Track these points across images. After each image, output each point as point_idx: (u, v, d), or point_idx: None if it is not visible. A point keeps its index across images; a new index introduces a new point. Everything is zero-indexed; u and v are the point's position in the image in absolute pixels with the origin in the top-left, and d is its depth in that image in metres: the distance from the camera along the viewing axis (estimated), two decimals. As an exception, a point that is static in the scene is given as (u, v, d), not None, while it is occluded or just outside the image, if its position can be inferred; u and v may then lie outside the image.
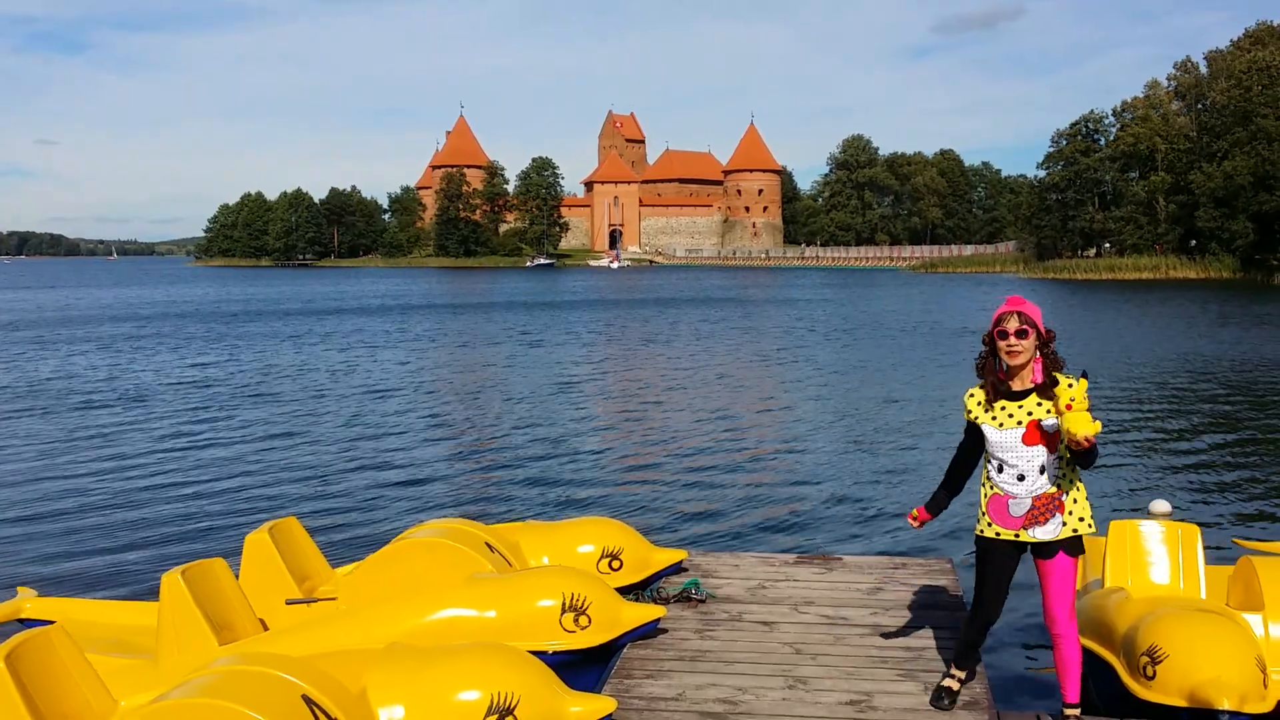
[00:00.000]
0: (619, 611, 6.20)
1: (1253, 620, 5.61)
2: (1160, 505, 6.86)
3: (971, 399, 5.34)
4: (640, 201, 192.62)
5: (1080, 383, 4.93)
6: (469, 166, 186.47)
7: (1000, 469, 5.21)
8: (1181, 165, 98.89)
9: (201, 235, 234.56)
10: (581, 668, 5.98)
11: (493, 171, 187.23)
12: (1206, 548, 6.46)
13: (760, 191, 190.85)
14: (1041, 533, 5.15)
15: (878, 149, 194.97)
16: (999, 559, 5.28)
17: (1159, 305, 54.62)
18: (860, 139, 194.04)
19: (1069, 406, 4.84)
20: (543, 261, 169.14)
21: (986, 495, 5.30)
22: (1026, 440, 5.10)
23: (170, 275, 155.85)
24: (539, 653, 5.56)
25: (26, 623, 6.73)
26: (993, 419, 5.21)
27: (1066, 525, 5.14)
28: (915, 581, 7.54)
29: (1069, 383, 4.98)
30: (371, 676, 4.78)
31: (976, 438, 5.35)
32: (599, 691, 5.56)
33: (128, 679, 5.63)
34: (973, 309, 55.63)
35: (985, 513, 5.29)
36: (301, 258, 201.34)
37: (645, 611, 6.29)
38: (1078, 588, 6.40)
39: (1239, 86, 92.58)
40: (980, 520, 5.33)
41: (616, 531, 7.47)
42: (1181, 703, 5.09)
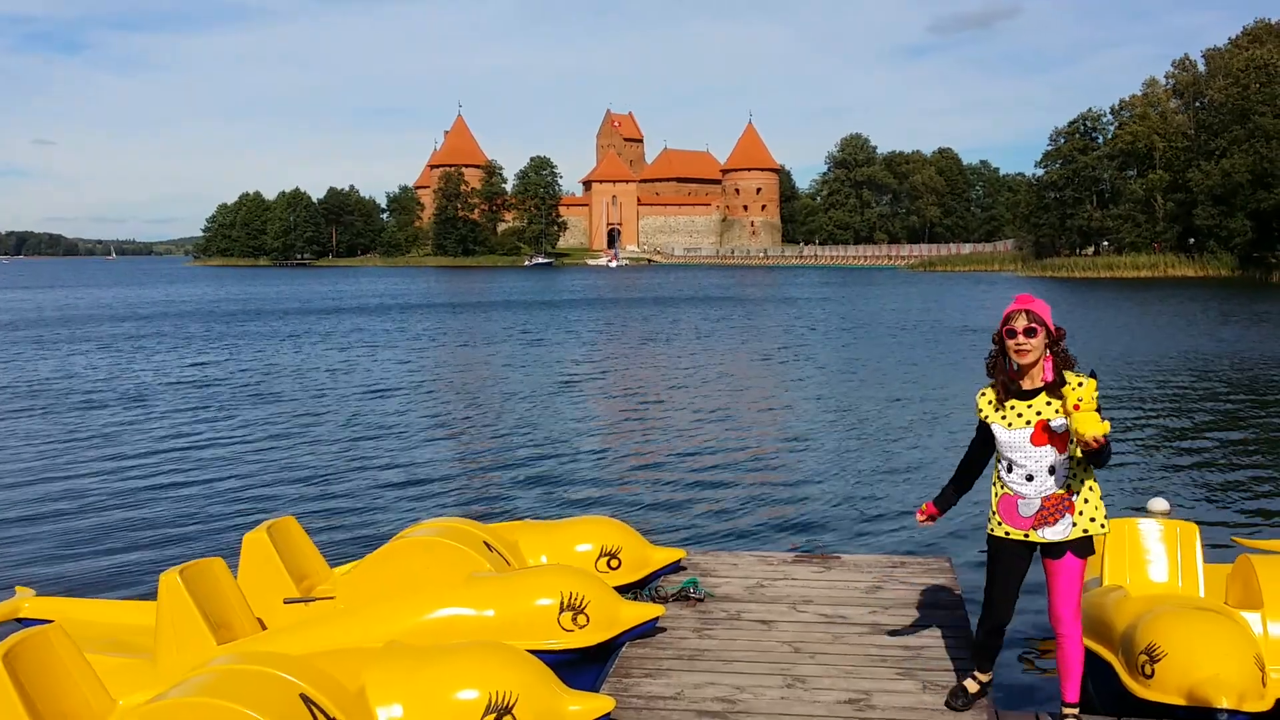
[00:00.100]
0: (617, 610, 6.19)
1: (1251, 618, 5.61)
2: (1158, 503, 6.87)
3: (983, 398, 5.33)
4: (638, 200, 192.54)
5: (1089, 382, 4.90)
6: (467, 166, 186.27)
7: (1010, 469, 5.19)
8: (1179, 163, 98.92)
9: (199, 235, 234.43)
10: (580, 666, 5.97)
11: (491, 171, 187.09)
12: (1205, 546, 6.46)
13: (758, 190, 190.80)
14: (1051, 533, 5.12)
15: (876, 148, 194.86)
16: (1009, 558, 5.25)
17: (1157, 303, 54.62)
18: (858, 138, 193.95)
19: (1076, 406, 4.82)
20: (541, 261, 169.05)
21: (996, 495, 5.28)
22: (1034, 440, 5.08)
23: (169, 275, 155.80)
24: (537, 651, 5.56)
25: (25, 622, 6.72)
26: (1002, 418, 5.20)
27: (1077, 526, 5.12)
28: (914, 580, 7.53)
29: (1078, 381, 4.96)
30: (370, 675, 4.78)
31: (987, 437, 5.34)
32: (597, 690, 5.56)
33: (126, 678, 5.63)
34: (972, 307, 55.66)
35: (995, 512, 5.27)
36: (299, 257, 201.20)
37: (644, 610, 6.29)
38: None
39: (1237, 85, 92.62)
40: (991, 519, 5.32)
41: (615, 530, 7.47)
42: (1180, 701, 5.08)
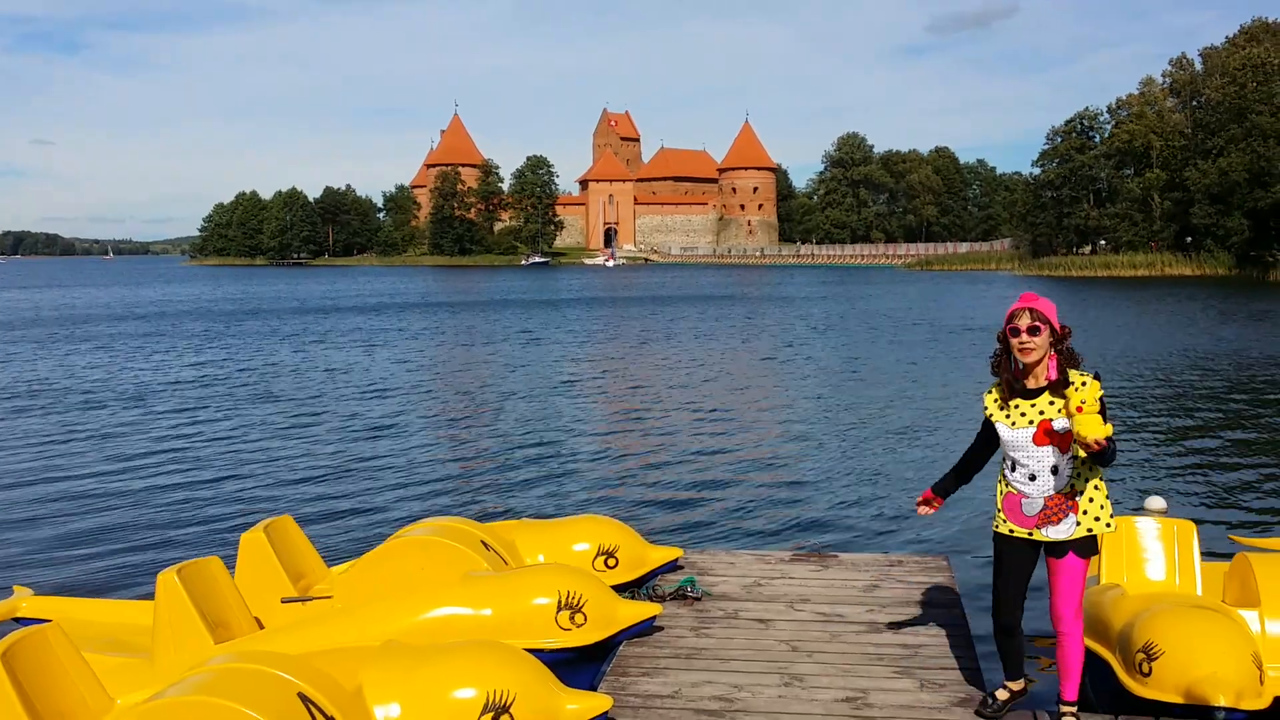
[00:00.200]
0: (615, 609, 6.19)
1: (1249, 616, 5.60)
2: (1156, 502, 6.86)
3: (989, 396, 5.33)
4: (635, 200, 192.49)
5: (1092, 384, 4.90)
6: (464, 165, 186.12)
7: (1013, 468, 5.19)
8: (1177, 162, 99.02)
9: (196, 234, 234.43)
10: (577, 665, 5.97)
11: (487, 170, 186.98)
12: (1202, 544, 6.46)
13: (755, 189, 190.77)
14: (1055, 532, 5.11)
15: (873, 147, 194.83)
16: (1014, 556, 5.25)
17: (1154, 302, 54.66)
18: (855, 137, 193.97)
19: (1079, 409, 4.82)
20: (537, 260, 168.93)
21: (1002, 493, 5.28)
22: (1037, 440, 5.07)
23: (166, 274, 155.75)
24: (535, 650, 5.55)
25: (22, 621, 6.71)
26: (1006, 417, 5.20)
27: (1081, 525, 5.09)
28: (911, 579, 7.54)
29: (1082, 381, 4.95)
30: (367, 674, 4.77)
31: (991, 435, 5.35)
32: (595, 689, 5.56)
33: (124, 677, 5.63)
34: (969, 306, 55.69)
35: (1000, 509, 5.28)
36: (296, 256, 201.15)
37: (641, 609, 6.28)
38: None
39: (1234, 83, 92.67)
40: (996, 516, 5.32)
41: (612, 529, 7.47)
42: (1177, 699, 5.08)
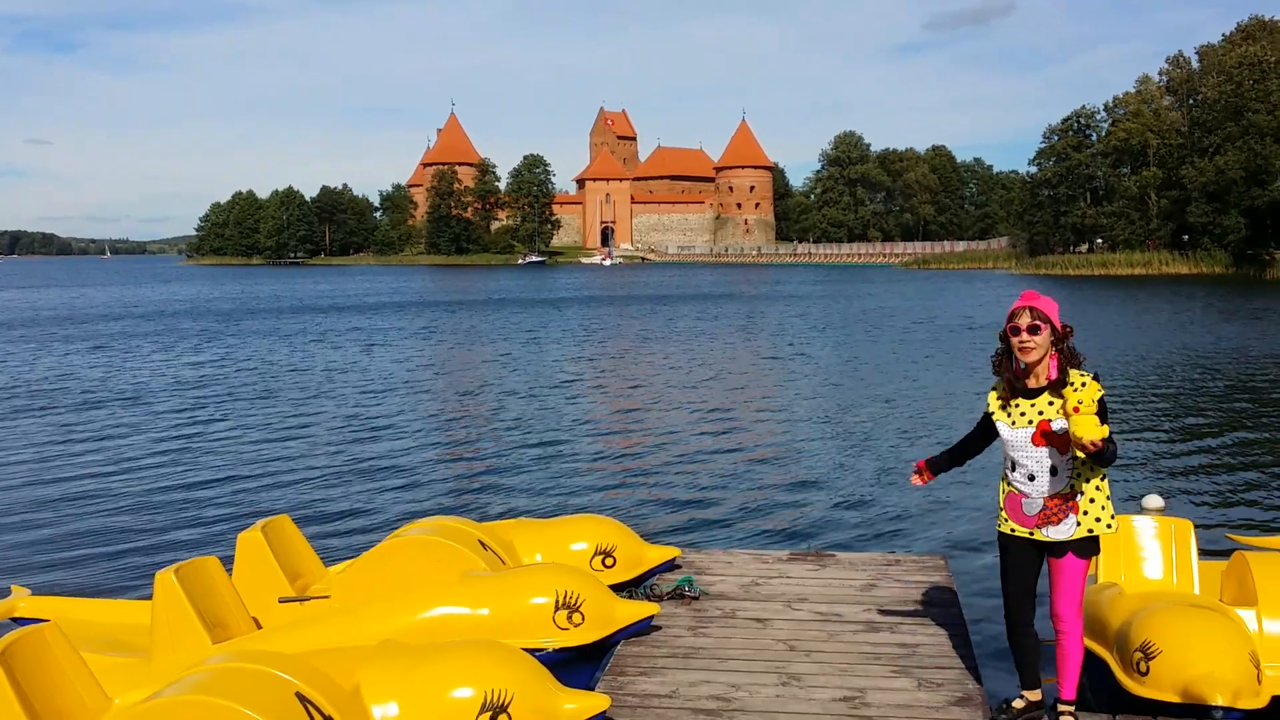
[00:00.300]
0: (612, 609, 6.20)
1: (1246, 615, 5.60)
2: (1153, 500, 6.87)
3: (992, 394, 5.35)
4: (632, 199, 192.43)
5: (1091, 385, 4.91)
6: (460, 164, 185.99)
7: (1013, 467, 5.20)
8: (1173, 160, 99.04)
9: (193, 234, 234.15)
10: (575, 665, 5.97)
11: (484, 169, 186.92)
12: (1200, 543, 6.46)
13: (752, 188, 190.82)
14: (1055, 533, 5.11)
15: (869, 145, 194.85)
16: (1018, 555, 5.25)
17: (1152, 301, 54.70)
18: (852, 135, 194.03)
19: (1076, 409, 4.82)
20: (534, 259, 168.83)
21: (1004, 492, 5.29)
22: (1034, 441, 5.08)
23: (163, 274, 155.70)
24: (533, 650, 5.55)
25: (20, 621, 6.71)
26: (1007, 416, 5.21)
27: (1081, 526, 5.09)
28: (909, 578, 7.54)
29: (1081, 382, 4.96)
30: (365, 674, 4.77)
31: (989, 428, 5.38)
32: (592, 689, 5.56)
33: (122, 677, 5.63)
34: (967, 305, 55.70)
35: (1003, 508, 5.29)
36: (293, 256, 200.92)
37: (639, 609, 6.29)
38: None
39: (1230, 81, 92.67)
40: (999, 515, 5.34)
41: (609, 529, 7.48)
42: (1175, 698, 5.09)
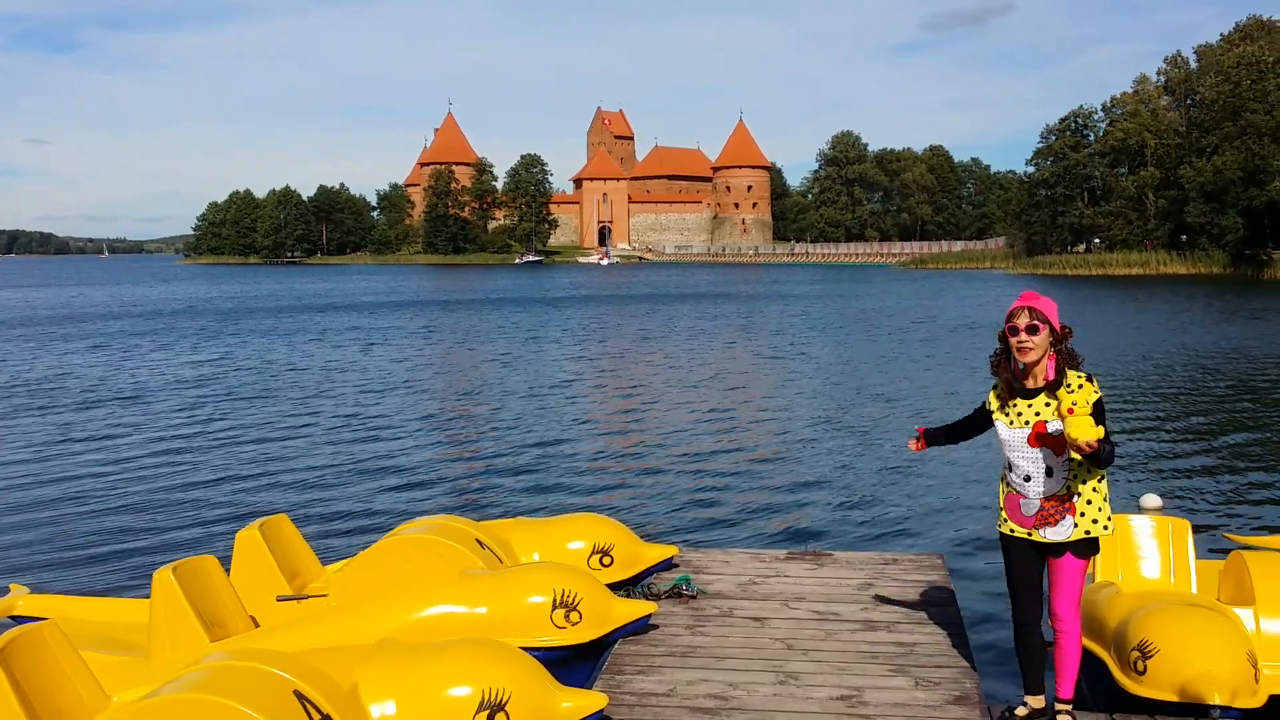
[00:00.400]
0: (610, 608, 6.20)
1: (1244, 615, 5.61)
2: (1151, 500, 6.89)
3: (991, 394, 5.37)
4: (629, 198, 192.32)
5: (1086, 387, 4.91)
6: (457, 163, 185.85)
7: (1011, 468, 5.22)
8: (1171, 160, 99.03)
9: (190, 233, 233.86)
10: (573, 664, 5.97)
11: (481, 168, 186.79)
12: (1197, 542, 6.47)
13: (749, 188, 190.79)
14: (1052, 534, 5.12)
15: (867, 145, 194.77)
16: (1019, 555, 5.27)
17: (1150, 301, 54.74)
18: (849, 135, 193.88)
19: (1071, 410, 4.82)
20: (531, 259, 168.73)
21: (1003, 492, 5.31)
22: (1030, 441, 5.09)
23: (161, 273, 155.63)
24: (530, 649, 5.55)
25: (19, 619, 6.71)
26: (1005, 415, 5.23)
27: (1078, 527, 5.09)
28: (906, 577, 7.54)
29: (1079, 383, 4.96)
30: (363, 672, 4.77)
31: (984, 419, 5.43)
32: (590, 687, 5.56)
33: (120, 675, 5.63)
34: (964, 305, 55.72)
35: (1003, 508, 5.31)
36: (290, 255, 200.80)
37: (636, 607, 6.29)
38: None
39: (1228, 81, 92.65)
40: (999, 515, 5.36)
41: (607, 528, 7.48)
42: (1172, 697, 5.10)
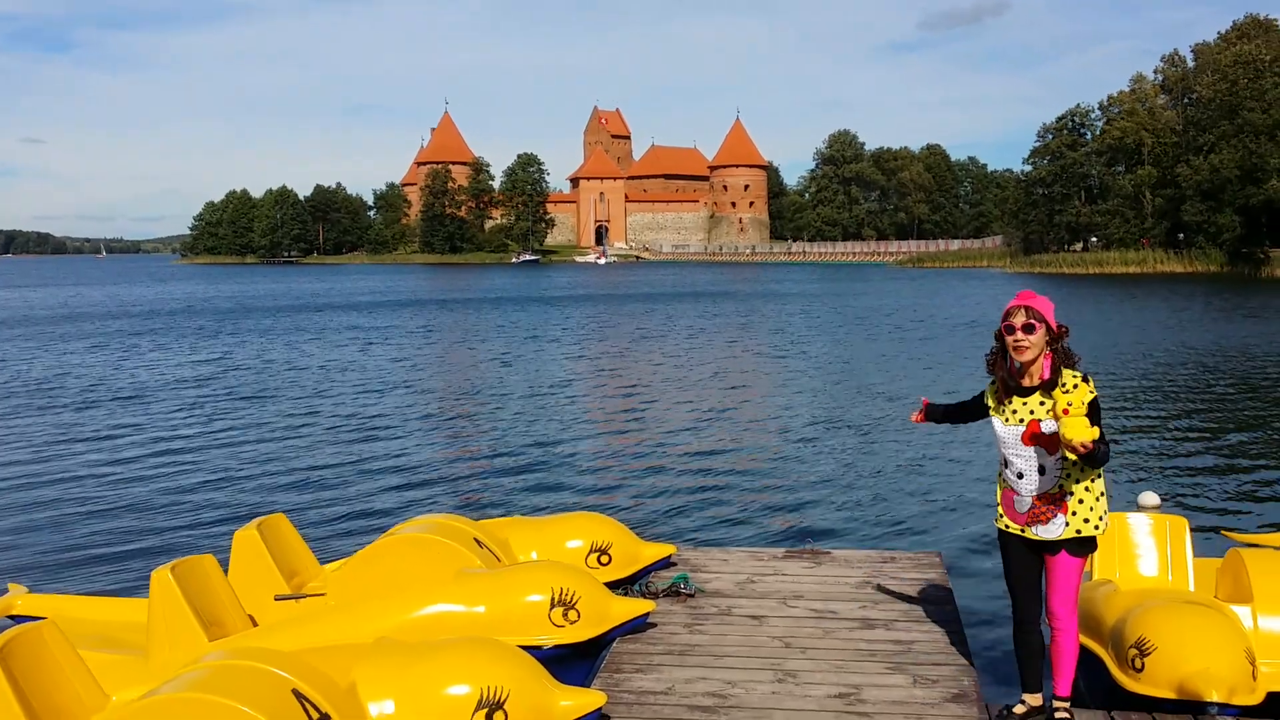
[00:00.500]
0: (608, 606, 6.20)
1: (1241, 612, 5.62)
2: (1149, 498, 6.89)
3: (990, 389, 5.38)
4: (626, 197, 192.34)
5: (1081, 387, 4.92)
6: (454, 163, 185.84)
7: (1005, 464, 5.24)
8: (1168, 159, 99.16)
9: (187, 233, 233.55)
10: (571, 662, 5.97)
11: (478, 168, 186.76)
12: (1195, 540, 6.48)
13: (746, 187, 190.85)
14: (1044, 531, 5.13)
15: (864, 144, 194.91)
16: (1017, 552, 5.29)
17: (1146, 299, 54.79)
18: (846, 134, 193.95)
19: (1065, 411, 4.82)
20: (528, 258, 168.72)
21: (1000, 489, 5.34)
22: (1024, 439, 5.10)
23: (158, 273, 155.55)
24: (528, 647, 5.54)
25: (18, 619, 6.70)
26: (1001, 413, 5.24)
27: (1070, 526, 5.10)
28: (904, 575, 7.54)
29: (1074, 383, 4.97)
30: (361, 671, 4.76)
31: (978, 407, 5.47)
32: (588, 686, 5.56)
33: (119, 674, 5.62)
34: (961, 303, 55.75)
35: (999, 505, 5.34)
36: (286, 255, 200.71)
37: (634, 606, 6.29)
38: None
39: (1225, 80, 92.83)
40: (997, 511, 5.38)
41: (605, 527, 7.48)
42: (1170, 695, 5.10)
